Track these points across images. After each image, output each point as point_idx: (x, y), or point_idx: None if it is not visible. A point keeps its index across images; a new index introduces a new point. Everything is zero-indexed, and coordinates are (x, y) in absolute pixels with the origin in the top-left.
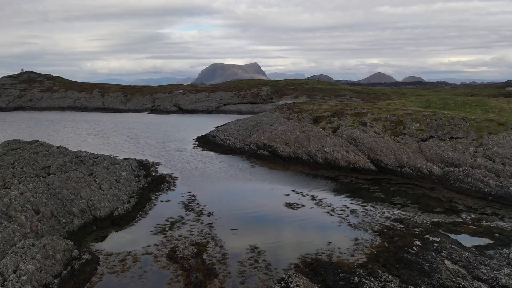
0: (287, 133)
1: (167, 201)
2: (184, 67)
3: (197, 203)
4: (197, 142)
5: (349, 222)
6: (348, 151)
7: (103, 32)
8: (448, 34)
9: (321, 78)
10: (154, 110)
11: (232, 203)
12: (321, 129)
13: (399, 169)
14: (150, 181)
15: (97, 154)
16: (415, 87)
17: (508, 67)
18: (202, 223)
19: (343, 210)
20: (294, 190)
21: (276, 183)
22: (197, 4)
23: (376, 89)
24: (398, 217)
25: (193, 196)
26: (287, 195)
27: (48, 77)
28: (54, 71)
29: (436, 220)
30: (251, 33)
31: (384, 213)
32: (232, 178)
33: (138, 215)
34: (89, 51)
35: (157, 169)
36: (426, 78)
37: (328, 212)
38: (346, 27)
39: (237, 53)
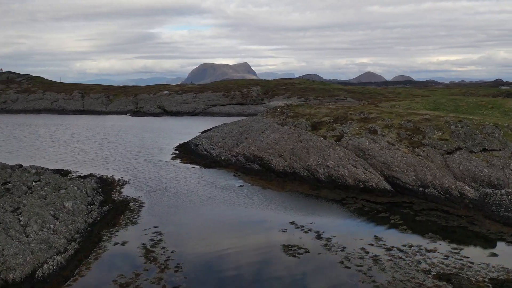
0: (281, 142)
1: (123, 243)
2: (175, 67)
3: (163, 247)
4: (177, 152)
5: (374, 280)
6: (356, 166)
7: (93, 32)
8: (437, 33)
9: (311, 78)
10: (136, 112)
11: (210, 246)
12: (321, 138)
13: (421, 189)
14: (107, 211)
15: (45, 171)
16: (406, 86)
17: (496, 66)
18: (164, 286)
19: (362, 258)
20: (292, 222)
21: (269, 210)
22: (187, 4)
23: (371, 88)
24: (441, 270)
25: (159, 234)
26: (284, 230)
27: (28, 77)
28: (43, 71)
29: (494, 275)
30: (242, 33)
31: (420, 262)
32: (213, 202)
33: (76, 272)
34: (78, 51)
35: (121, 190)
36: (415, 77)
37: (342, 262)
38: (336, 27)
39: (227, 52)
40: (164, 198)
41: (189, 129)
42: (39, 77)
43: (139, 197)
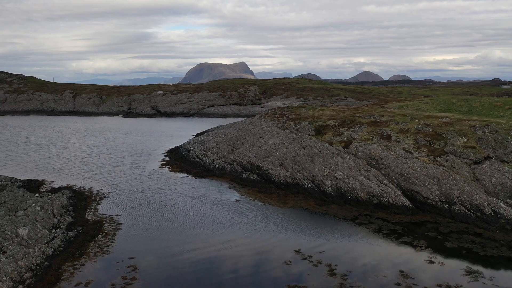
0: (281, 149)
1: (87, 284)
2: (171, 66)
3: None
4: (166, 158)
5: None
6: (369, 177)
7: (89, 32)
8: (432, 32)
9: (310, 77)
10: (129, 113)
11: None
12: (327, 144)
13: (446, 206)
14: (74, 237)
15: (12, 183)
16: (404, 85)
17: (492, 65)
18: None
19: None
20: (298, 251)
21: (268, 233)
22: (183, 3)
23: (371, 88)
24: None
25: (134, 269)
26: (289, 263)
27: (19, 77)
28: (38, 71)
29: None
30: (238, 32)
31: None
32: (201, 222)
33: None
34: (74, 51)
35: (97, 206)
36: (412, 76)
37: None
38: (332, 26)
39: (224, 52)
40: (145, 217)
41: (183, 131)
42: (31, 77)
43: (116, 215)
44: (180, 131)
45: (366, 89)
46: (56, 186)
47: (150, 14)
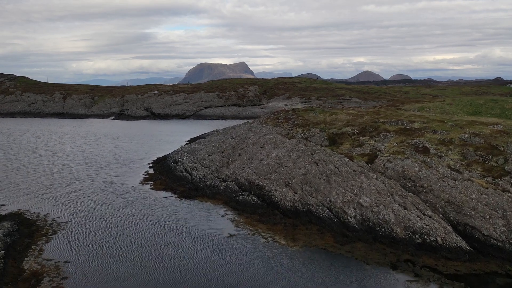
0: (288, 163)
1: None
2: (171, 66)
3: None
4: (151, 170)
5: None
6: (406, 205)
7: (88, 32)
8: (432, 32)
9: (310, 77)
10: (121, 115)
11: None
12: (346, 159)
13: None
14: None
15: None
16: (406, 85)
17: (492, 65)
18: None
19: None
20: None
21: None
22: (183, 4)
23: (376, 88)
24: None
25: None
26: None
27: (11, 77)
28: (38, 72)
29: None
30: (238, 33)
31: None
32: (176, 277)
33: None
34: (74, 51)
35: (45, 245)
36: (412, 76)
37: None
38: (332, 26)
39: (224, 52)
40: (101, 264)
41: (175, 135)
42: (23, 77)
43: (65, 262)
44: (173, 136)
45: (371, 89)
46: (3, 212)
47: (150, 14)
